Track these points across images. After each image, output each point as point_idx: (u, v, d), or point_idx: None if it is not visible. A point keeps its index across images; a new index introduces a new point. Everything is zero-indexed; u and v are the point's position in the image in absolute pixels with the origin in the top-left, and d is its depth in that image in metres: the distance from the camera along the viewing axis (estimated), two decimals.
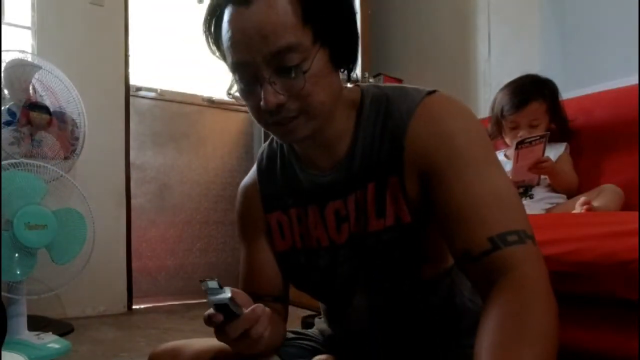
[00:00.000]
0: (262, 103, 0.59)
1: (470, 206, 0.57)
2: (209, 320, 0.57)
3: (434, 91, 0.66)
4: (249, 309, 0.59)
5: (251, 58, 0.58)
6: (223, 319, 0.56)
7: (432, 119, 0.63)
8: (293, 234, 0.75)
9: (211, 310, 0.56)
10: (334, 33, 0.61)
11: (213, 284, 0.56)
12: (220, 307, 0.56)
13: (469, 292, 0.73)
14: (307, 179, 0.72)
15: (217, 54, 0.66)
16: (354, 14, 0.64)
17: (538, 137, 1.38)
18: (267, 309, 0.61)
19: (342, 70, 0.65)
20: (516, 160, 1.42)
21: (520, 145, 1.39)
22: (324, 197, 0.70)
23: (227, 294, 0.56)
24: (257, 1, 0.57)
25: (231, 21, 0.59)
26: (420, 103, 0.64)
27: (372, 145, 0.66)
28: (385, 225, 0.65)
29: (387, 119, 0.66)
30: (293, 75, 0.58)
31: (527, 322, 0.48)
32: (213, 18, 0.63)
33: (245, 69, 0.60)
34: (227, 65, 0.63)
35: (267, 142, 0.81)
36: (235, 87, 0.64)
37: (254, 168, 0.81)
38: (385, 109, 0.66)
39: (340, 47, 0.62)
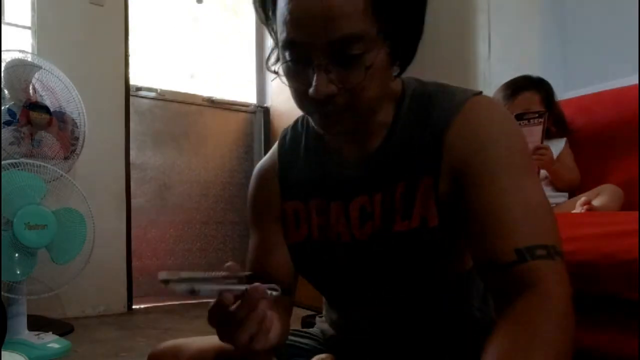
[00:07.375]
0: (311, 90, 0.55)
1: (501, 213, 0.55)
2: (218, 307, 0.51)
3: (479, 93, 0.63)
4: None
5: (309, 40, 0.53)
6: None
7: (477, 120, 0.60)
8: (310, 225, 0.70)
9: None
10: (402, 25, 0.56)
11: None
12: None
13: (478, 302, 0.72)
14: (333, 171, 0.68)
15: (264, 20, 0.60)
16: (425, 6, 0.58)
17: (537, 115, 1.39)
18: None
19: (396, 65, 0.60)
20: None
21: (519, 121, 1.40)
22: (350, 191, 0.67)
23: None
24: None
25: None
26: (466, 103, 0.61)
27: (410, 142, 0.63)
28: (410, 227, 0.62)
29: (429, 116, 0.62)
30: (352, 66, 0.54)
31: (540, 339, 0.47)
32: None
33: (300, 49, 0.55)
34: (277, 37, 0.57)
35: (290, 125, 0.76)
36: (275, 61, 0.58)
37: (274, 150, 0.76)
38: (426, 106, 0.63)
39: (404, 41, 0.58)
